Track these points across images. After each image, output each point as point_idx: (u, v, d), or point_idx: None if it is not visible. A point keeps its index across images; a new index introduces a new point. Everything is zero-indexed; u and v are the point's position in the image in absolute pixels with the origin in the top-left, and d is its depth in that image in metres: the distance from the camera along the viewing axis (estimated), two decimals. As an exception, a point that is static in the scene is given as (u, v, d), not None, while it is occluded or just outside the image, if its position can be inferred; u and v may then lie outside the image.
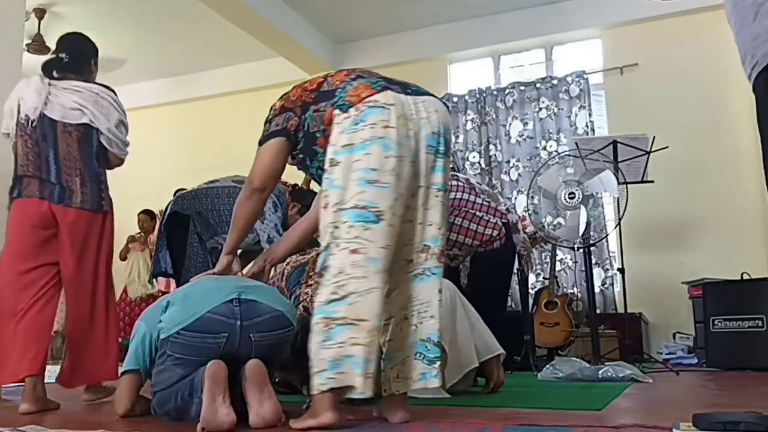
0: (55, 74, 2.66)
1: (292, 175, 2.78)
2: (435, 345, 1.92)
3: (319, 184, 2.12)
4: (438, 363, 1.92)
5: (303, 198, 3.73)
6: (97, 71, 2.84)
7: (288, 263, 2.63)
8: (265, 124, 2.11)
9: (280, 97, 2.14)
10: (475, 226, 3.64)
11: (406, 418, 1.89)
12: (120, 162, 2.86)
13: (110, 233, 2.72)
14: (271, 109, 2.13)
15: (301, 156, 2.07)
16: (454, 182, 3.76)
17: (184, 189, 6.40)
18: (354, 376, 1.72)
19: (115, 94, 2.77)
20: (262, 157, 2.07)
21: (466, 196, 3.76)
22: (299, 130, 2.04)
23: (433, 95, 2.04)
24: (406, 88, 1.98)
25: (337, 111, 1.90)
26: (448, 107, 2.08)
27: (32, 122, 2.57)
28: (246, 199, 2.10)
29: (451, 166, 2.06)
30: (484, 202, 3.76)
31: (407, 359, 1.91)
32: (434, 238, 1.94)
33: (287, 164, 2.12)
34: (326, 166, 1.87)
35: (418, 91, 2.00)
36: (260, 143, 2.09)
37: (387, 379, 1.93)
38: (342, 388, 1.74)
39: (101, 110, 2.65)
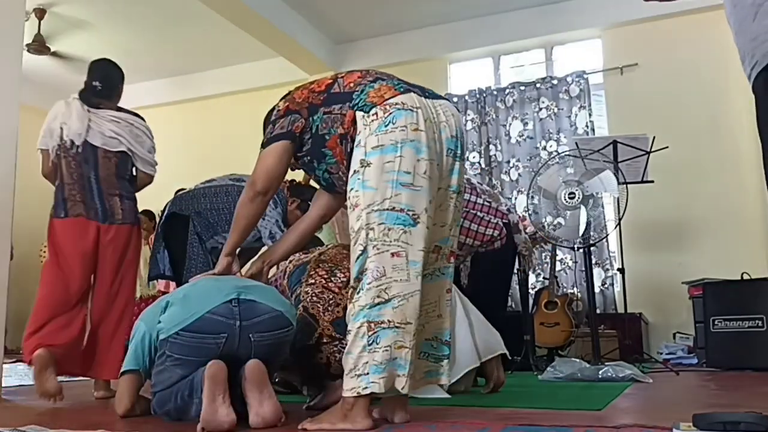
0: (92, 101, 3.02)
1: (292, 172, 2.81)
2: (443, 343, 1.94)
3: (325, 187, 2.17)
4: (446, 361, 1.94)
5: (302, 193, 3.73)
6: (122, 92, 3.36)
7: (290, 261, 2.62)
8: (268, 125, 2.09)
9: (284, 98, 2.11)
10: (476, 226, 3.64)
11: (407, 418, 1.90)
12: (150, 180, 3.26)
13: (138, 239, 3.08)
14: (273, 110, 2.12)
15: (308, 158, 2.06)
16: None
17: (184, 189, 6.42)
18: (396, 378, 1.75)
19: (145, 121, 3.24)
20: (265, 160, 2.05)
21: (467, 196, 3.76)
22: (305, 132, 2.02)
23: (447, 99, 2.06)
24: (425, 92, 1.99)
25: (360, 113, 1.90)
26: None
27: (77, 147, 2.89)
28: (249, 202, 2.09)
29: (464, 168, 2.06)
30: (485, 203, 3.76)
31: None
32: (445, 238, 1.97)
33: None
34: (355, 167, 1.86)
35: (434, 95, 2.02)
36: (263, 145, 2.07)
37: (398, 382, 1.89)
38: (377, 394, 1.75)
39: (136, 139, 3.08)
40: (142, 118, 3.21)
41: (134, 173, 3.11)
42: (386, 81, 1.97)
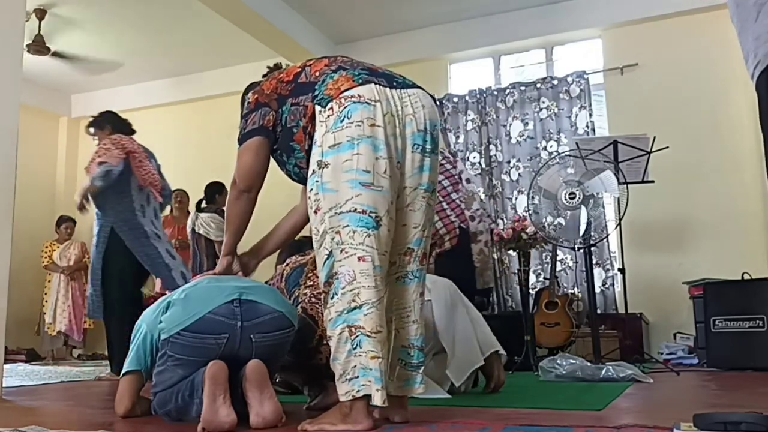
0: None
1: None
2: (418, 350, 1.87)
3: (297, 181, 2.10)
4: (422, 368, 1.88)
5: None
6: None
7: (287, 264, 2.63)
8: (241, 119, 2.03)
9: (253, 90, 2.04)
10: (435, 217, 3.62)
11: (407, 417, 1.89)
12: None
13: None
14: (244, 103, 2.06)
15: (278, 152, 2.01)
16: (448, 165, 3.73)
17: (182, 190, 6.41)
18: (374, 390, 1.70)
19: None
20: (242, 158, 2.00)
21: (446, 183, 3.74)
22: (277, 125, 1.96)
23: (420, 87, 1.92)
24: (392, 80, 1.87)
25: (318, 107, 1.81)
26: (434, 99, 1.98)
27: None
28: (235, 200, 2.06)
29: (439, 164, 1.98)
30: (457, 200, 3.75)
31: (392, 363, 1.87)
32: (418, 240, 1.88)
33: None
34: (314, 167, 1.79)
35: (405, 84, 1.89)
36: (239, 142, 2.02)
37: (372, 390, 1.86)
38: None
39: None
40: None
41: None
42: (347, 71, 1.85)
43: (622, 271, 4.38)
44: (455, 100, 6.22)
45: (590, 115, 5.78)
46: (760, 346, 4.01)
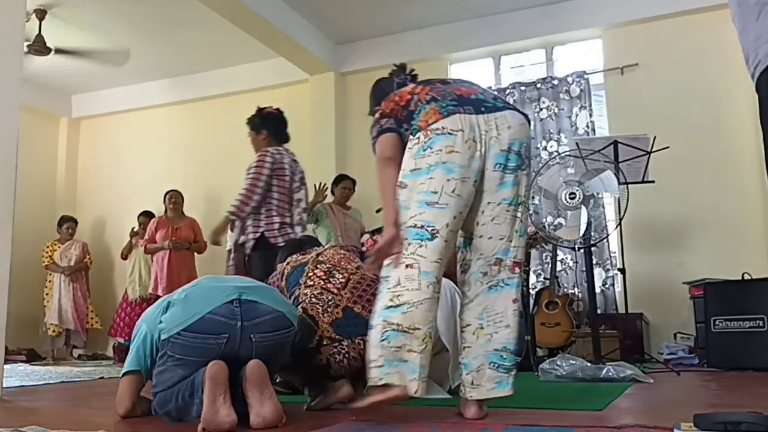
0: None
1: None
2: (511, 353, 2.03)
3: None
4: (514, 371, 2.04)
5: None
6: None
7: (288, 263, 2.63)
8: (371, 128, 2.22)
9: (375, 110, 2.28)
10: None
11: (480, 415, 2.01)
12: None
13: None
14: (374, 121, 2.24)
15: None
16: None
17: (177, 190, 6.41)
18: (408, 380, 1.89)
19: None
20: (382, 141, 2.14)
21: None
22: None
23: (512, 108, 2.11)
24: (480, 106, 2.06)
25: (410, 136, 2.06)
26: (526, 117, 2.14)
27: None
28: (383, 169, 2.11)
29: (527, 177, 2.12)
30: None
31: (482, 368, 2.02)
32: (505, 250, 2.05)
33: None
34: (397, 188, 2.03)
35: (494, 107, 2.07)
36: (375, 139, 2.17)
37: (464, 384, 2.07)
38: (396, 386, 1.89)
39: None
40: None
41: None
42: (437, 102, 2.06)
43: (622, 271, 4.37)
44: (455, 100, 6.21)
45: (590, 115, 5.78)
46: (761, 346, 4.01)
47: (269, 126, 3.99)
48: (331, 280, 2.39)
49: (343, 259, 2.53)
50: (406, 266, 1.94)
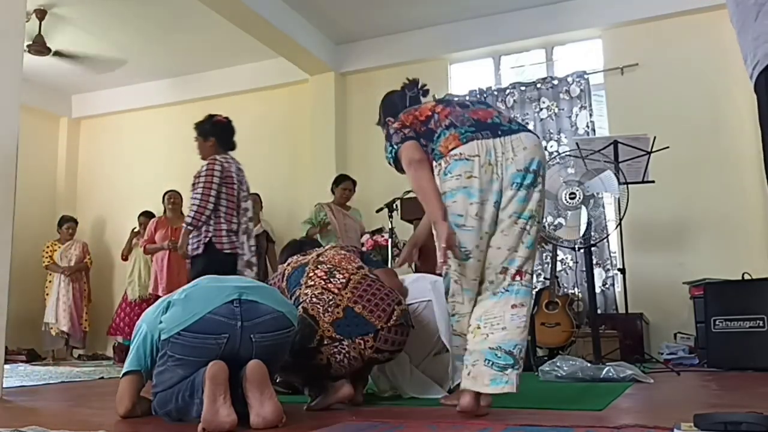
0: None
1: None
2: (506, 353, 2.12)
3: None
4: (510, 370, 2.11)
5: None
6: None
7: (288, 264, 2.63)
8: (387, 140, 2.39)
9: (392, 121, 2.43)
10: None
11: (474, 405, 2.11)
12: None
13: None
14: (387, 131, 2.41)
15: None
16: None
17: (176, 191, 6.41)
18: (464, 374, 2.16)
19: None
20: (406, 148, 2.30)
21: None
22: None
23: (527, 130, 2.26)
24: (497, 130, 2.21)
25: (434, 162, 2.26)
26: (538, 137, 2.31)
27: None
28: (415, 171, 2.26)
29: (540, 194, 2.22)
30: None
31: (477, 363, 2.14)
32: (510, 260, 2.19)
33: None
34: None
35: (510, 130, 2.22)
36: (396, 147, 2.33)
37: (462, 378, 2.19)
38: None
39: None
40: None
41: None
42: (456, 128, 2.22)
43: (622, 271, 4.37)
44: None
45: (590, 115, 5.78)
46: (761, 346, 4.01)
47: (217, 133, 4.06)
48: (331, 280, 2.40)
49: (344, 259, 2.54)
50: (455, 281, 2.20)
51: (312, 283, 2.41)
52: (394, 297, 2.36)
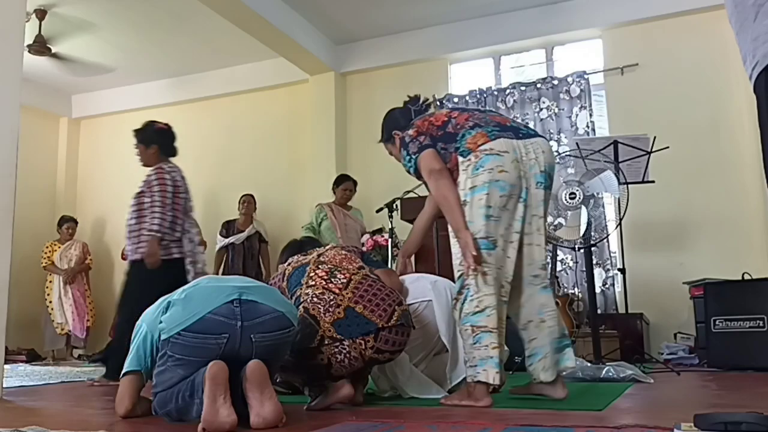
0: None
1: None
2: (565, 336, 2.42)
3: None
4: (569, 348, 2.42)
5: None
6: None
7: (289, 264, 2.63)
8: (404, 149, 2.47)
9: (399, 134, 2.55)
10: None
11: (566, 393, 2.39)
12: None
13: None
14: (403, 140, 2.48)
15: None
16: None
17: None
18: (494, 374, 2.23)
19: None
20: (425, 157, 2.40)
21: None
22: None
23: (541, 136, 2.43)
24: (518, 132, 2.37)
25: (460, 158, 2.33)
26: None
27: None
28: (436, 181, 2.36)
29: (549, 198, 2.46)
30: None
31: (548, 353, 2.36)
32: (546, 257, 2.42)
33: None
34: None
35: (528, 134, 2.39)
36: (414, 157, 2.42)
37: (536, 370, 2.38)
38: (483, 382, 2.25)
39: None
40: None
41: None
42: (483, 128, 2.35)
43: (622, 271, 4.37)
44: (455, 100, 6.22)
45: (590, 115, 5.78)
46: (761, 346, 4.01)
47: (160, 140, 4.03)
48: (332, 280, 2.40)
49: (345, 259, 2.54)
50: (483, 274, 2.25)
51: (313, 283, 2.41)
52: (395, 297, 2.36)
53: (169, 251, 3.78)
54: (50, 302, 6.81)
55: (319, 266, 2.49)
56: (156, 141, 4.02)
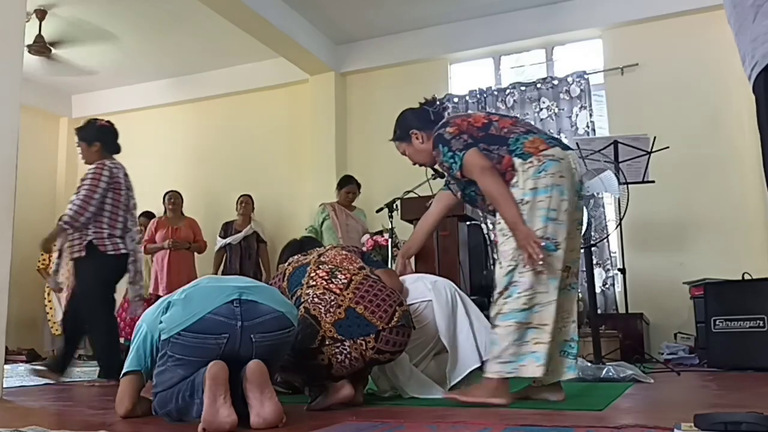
0: None
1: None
2: (576, 342, 2.45)
3: (467, 201, 2.66)
4: (575, 358, 2.43)
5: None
6: None
7: (290, 263, 2.63)
8: (444, 146, 2.46)
9: (445, 125, 2.50)
10: None
11: (564, 397, 2.41)
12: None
13: None
14: (442, 137, 2.47)
15: (464, 178, 2.46)
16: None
17: (176, 191, 6.42)
18: (534, 368, 2.26)
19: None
20: (472, 156, 2.40)
21: None
22: None
23: (571, 148, 2.53)
24: (561, 143, 2.47)
25: (518, 159, 2.36)
26: None
27: None
28: (489, 177, 2.37)
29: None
30: None
31: (553, 355, 2.35)
32: (575, 260, 2.48)
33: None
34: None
35: (566, 146, 2.50)
36: (460, 154, 2.41)
37: (549, 370, 2.35)
38: (517, 378, 2.29)
39: None
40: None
41: None
42: (537, 134, 2.44)
43: (622, 271, 4.37)
44: (455, 100, 6.21)
45: (590, 115, 5.78)
46: (761, 346, 4.01)
47: (102, 138, 4.00)
48: (333, 280, 2.39)
49: (345, 259, 2.54)
50: (537, 272, 2.28)
51: (314, 283, 2.41)
52: (396, 298, 2.36)
53: (116, 246, 3.77)
54: (49, 301, 6.80)
55: (320, 266, 2.49)
56: (98, 138, 3.99)
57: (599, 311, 4.80)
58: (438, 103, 2.75)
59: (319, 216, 5.67)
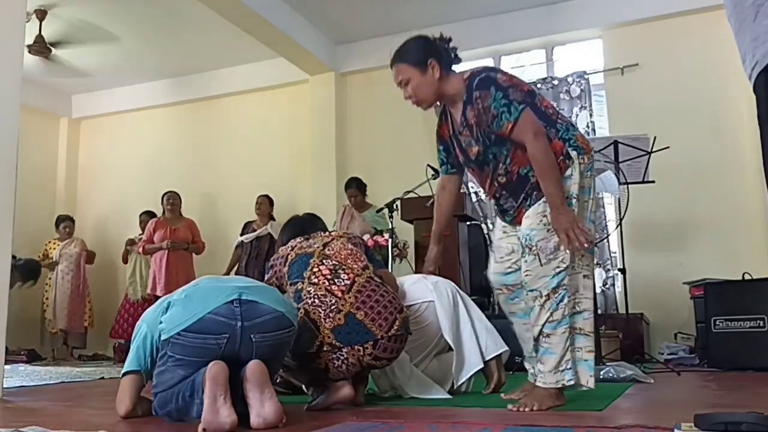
0: None
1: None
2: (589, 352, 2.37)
3: (476, 163, 2.35)
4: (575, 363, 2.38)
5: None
6: None
7: (292, 248, 2.57)
8: (499, 90, 2.19)
9: (491, 71, 2.26)
10: None
11: (564, 400, 2.27)
12: None
13: None
14: (495, 80, 2.21)
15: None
16: None
17: (175, 192, 6.42)
18: (587, 377, 2.22)
19: None
20: (527, 118, 2.17)
21: None
22: None
23: None
24: None
25: (574, 152, 2.23)
26: None
27: None
28: (545, 143, 2.17)
29: None
30: None
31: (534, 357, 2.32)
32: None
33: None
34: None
35: None
36: (522, 105, 2.18)
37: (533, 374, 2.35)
38: (574, 387, 2.23)
39: None
40: None
41: None
42: (577, 131, 2.32)
43: (622, 271, 4.37)
44: (455, 100, 6.20)
45: (591, 115, 5.78)
46: (761, 346, 4.01)
47: None
48: (336, 280, 2.34)
49: (350, 256, 2.46)
50: (584, 276, 2.22)
51: (316, 280, 2.36)
52: (397, 305, 2.32)
53: None
54: (47, 299, 6.79)
55: (324, 260, 2.42)
56: None
57: (599, 311, 4.80)
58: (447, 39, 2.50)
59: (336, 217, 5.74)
